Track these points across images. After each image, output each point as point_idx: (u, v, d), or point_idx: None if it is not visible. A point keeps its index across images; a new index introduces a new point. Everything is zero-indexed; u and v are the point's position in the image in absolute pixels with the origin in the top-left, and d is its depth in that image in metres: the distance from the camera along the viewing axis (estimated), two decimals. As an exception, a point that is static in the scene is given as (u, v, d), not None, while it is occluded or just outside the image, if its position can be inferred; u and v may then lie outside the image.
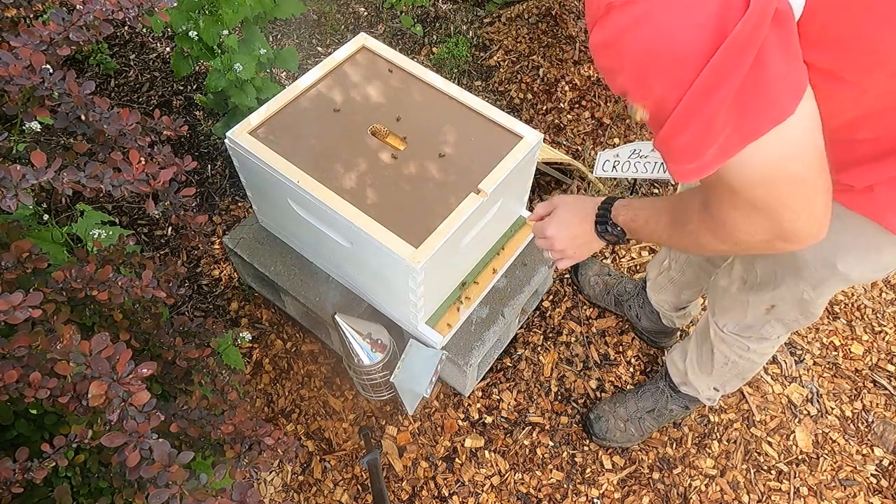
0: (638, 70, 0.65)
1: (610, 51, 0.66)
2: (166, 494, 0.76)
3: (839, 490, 1.67)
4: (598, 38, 0.66)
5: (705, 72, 0.60)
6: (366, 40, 1.53)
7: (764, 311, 1.24)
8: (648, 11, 0.60)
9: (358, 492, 1.64)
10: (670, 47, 0.61)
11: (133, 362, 0.80)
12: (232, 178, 2.14)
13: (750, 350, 1.36)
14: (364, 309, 1.59)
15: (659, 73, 0.63)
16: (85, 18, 0.92)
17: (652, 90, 0.65)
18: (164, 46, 2.52)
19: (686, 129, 0.65)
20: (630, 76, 0.66)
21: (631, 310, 1.85)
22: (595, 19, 0.65)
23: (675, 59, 0.61)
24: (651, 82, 0.65)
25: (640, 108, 0.70)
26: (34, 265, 0.90)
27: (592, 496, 1.65)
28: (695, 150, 0.67)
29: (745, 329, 1.32)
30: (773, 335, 1.30)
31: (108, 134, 0.96)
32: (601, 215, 1.08)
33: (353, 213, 1.26)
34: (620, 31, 0.63)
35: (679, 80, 0.62)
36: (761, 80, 0.62)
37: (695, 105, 0.63)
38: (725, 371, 1.45)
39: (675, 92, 0.63)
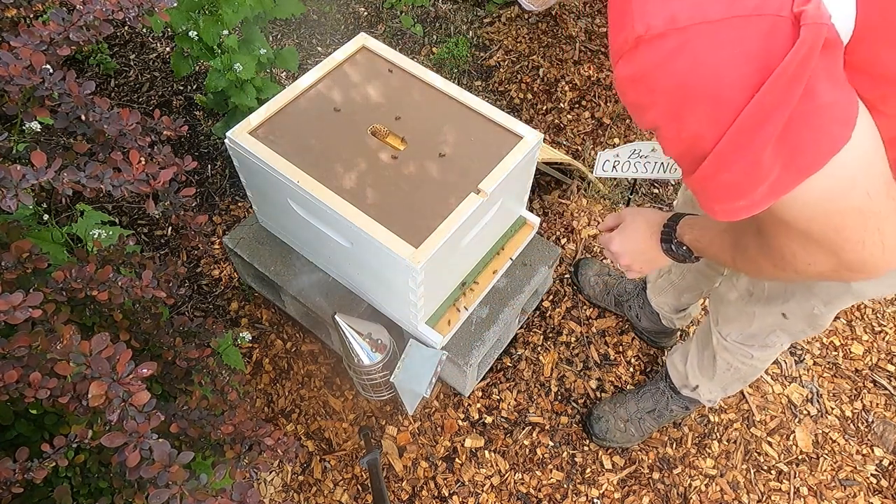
0: (672, 106, 0.62)
1: (639, 86, 0.63)
2: (166, 494, 0.76)
3: (839, 490, 1.67)
4: (624, 71, 0.63)
5: (750, 107, 0.57)
6: (366, 40, 1.53)
7: (770, 322, 1.22)
8: (683, 45, 0.57)
9: (358, 492, 1.64)
10: (710, 82, 0.57)
11: (133, 362, 0.80)
12: (232, 178, 2.14)
13: (753, 357, 1.35)
14: (364, 309, 1.59)
15: (696, 109, 0.60)
16: (85, 18, 0.92)
17: (687, 126, 0.62)
18: (164, 46, 2.52)
19: (730, 167, 0.62)
20: (662, 112, 0.63)
21: (631, 310, 1.85)
22: (621, 53, 0.62)
23: (714, 95, 0.58)
24: (686, 118, 0.61)
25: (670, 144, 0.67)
26: (34, 265, 0.90)
27: (592, 496, 1.65)
28: (743, 188, 0.63)
29: (748, 338, 1.31)
30: (777, 343, 1.29)
31: (109, 134, 0.96)
32: (666, 233, 1.05)
33: (353, 213, 1.26)
34: (652, 66, 0.60)
35: (719, 117, 0.59)
36: (811, 112, 0.58)
37: (740, 142, 0.59)
38: (728, 376, 1.44)
39: (714, 129, 0.60)
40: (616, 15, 0.62)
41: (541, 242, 1.72)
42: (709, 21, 0.55)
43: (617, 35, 0.62)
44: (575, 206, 2.13)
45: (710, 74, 0.57)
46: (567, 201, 2.15)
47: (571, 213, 2.12)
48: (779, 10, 0.54)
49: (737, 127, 0.58)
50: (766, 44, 0.55)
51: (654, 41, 0.58)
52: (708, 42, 0.56)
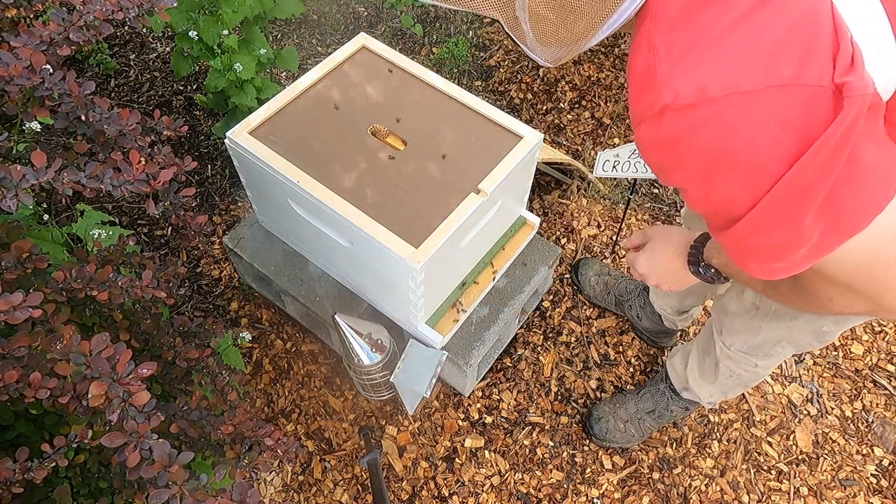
0: (701, 172, 0.60)
1: (665, 150, 0.61)
2: (166, 495, 0.76)
3: (839, 490, 1.67)
4: (648, 136, 0.61)
5: (790, 176, 0.55)
6: (366, 40, 1.53)
7: (777, 335, 1.21)
8: (715, 115, 0.55)
9: (358, 492, 1.64)
10: (744, 151, 0.55)
11: (133, 362, 0.80)
12: (232, 178, 2.14)
13: (758, 366, 1.34)
14: (364, 309, 1.59)
15: (728, 176, 0.58)
16: (85, 18, 0.92)
17: (717, 190, 0.60)
18: (164, 46, 2.52)
19: (767, 232, 0.60)
20: (690, 176, 0.62)
21: (632, 310, 1.85)
22: (643, 117, 0.60)
23: (749, 163, 0.56)
24: (717, 184, 0.59)
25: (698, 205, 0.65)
26: (34, 265, 0.89)
27: (592, 496, 1.65)
28: (781, 251, 0.62)
29: (753, 348, 1.29)
30: (781, 353, 1.29)
31: (109, 134, 0.96)
32: (693, 255, 1.02)
33: (353, 213, 1.26)
34: (679, 133, 0.58)
35: (754, 184, 0.57)
36: (855, 176, 0.57)
37: (778, 211, 0.58)
38: (730, 382, 1.43)
39: (749, 194, 0.58)
40: (637, 80, 0.60)
41: (541, 242, 1.72)
42: (743, 92, 0.53)
43: (639, 100, 0.60)
44: (575, 206, 2.13)
45: (744, 144, 0.55)
46: (567, 201, 2.15)
47: (571, 213, 2.12)
48: (819, 80, 0.52)
49: (775, 195, 0.57)
50: (806, 114, 0.53)
51: (683, 110, 0.56)
52: (742, 113, 0.54)
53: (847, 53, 0.51)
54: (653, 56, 0.57)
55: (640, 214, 2.12)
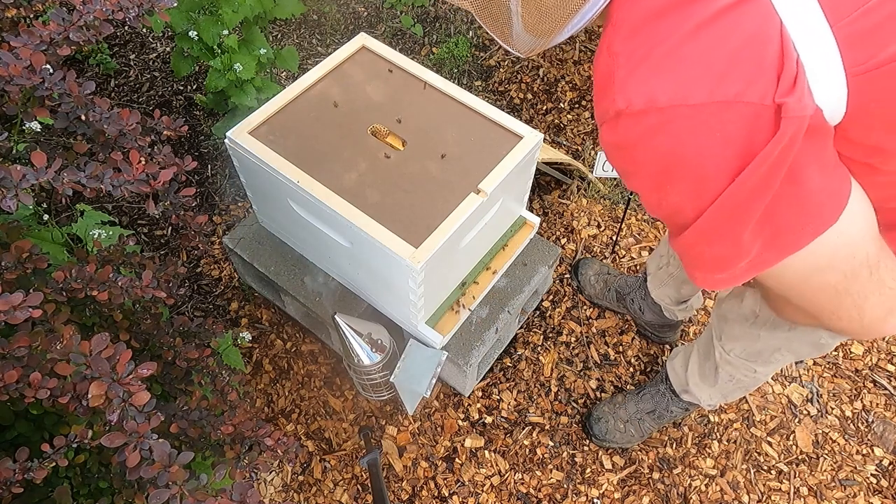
0: (653, 178, 0.62)
1: (622, 153, 0.63)
2: (166, 495, 0.76)
3: (839, 490, 1.67)
4: (607, 138, 0.63)
5: (731, 190, 0.56)
6: (366, 40, 1.53)
7: (775, 344, 1.21)
8: (664, 124, 0.56)
9: (358, 492, 1.64)
10: (690, 162, 0.57)
11: (133, 362, 0.80)
12: (232, 178, 2.14)
13: (757, 372, 1.34)
14: (364, 309, 1.59)
15: (677, 184, 0.60)
16: (85, 18, 0.92)
17: (668, 198, 0.62)
18: (164, 46, 2.52)
19: (711, 242, 0.62)
20: (644, 181, 0.63)
21: (633, 303, 1.84)
22: (603, 120, 0.62)
23: (695, 174, 0.58)
24: (668, 191, 0.61)
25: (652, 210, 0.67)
26: (34, 265, 0.89)
27: (592, 496, 1.65)
28: (723, 262, 0.64)
29: (753, 355, 1.30)
30: (781, 361, 1.28)
31: (109, 134, 0.96)
32: None
33: (353, 213, 1.26)
34: (633, 139, 0.59)
35: (699, 195, 0.59)
36: (797, 197, 0.58)
37: (719, 222, 0.59)
38: (729, 386, 1.43)
39: (694, 204, 0.60)
40: (599, 83, 0.61)
41: (541, 242, 1.71)
42: (689, 105, 0.54)
43: (600, 102, 0.62)
44: (575, 206, 2.13)
45: (691, 155, 0.57)
46: (567, 201, 2.15)
47: (571, 213, 2.12)
48: (762, 99, 0.53)
49: (717, 207, 0.58)
50: (748, 130, 0.54)
51: (636, 116, 0.57)
52: (688, 124, 0.55)
53: (790, 74, 0.52)
54: (613, 61, 0.58)
55: (640, 214, 2.12)
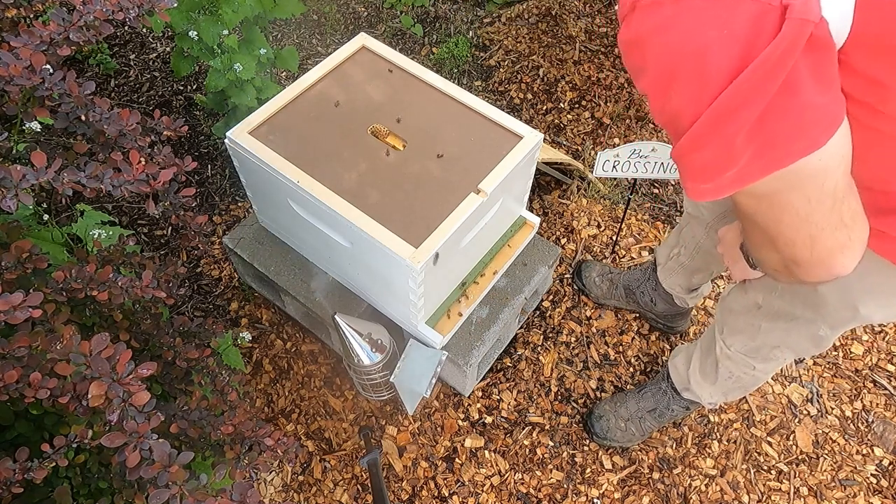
0: (660, 76, 0.62)
1: (635, 50, 0.64)
2: (166, 495, 0.76)
3: (839, 490, 1.67)
4: (624, 35, 0.64)
5: (728, 91, 0.57)
6: (366, 40, 1.53)
7: (775, 338, 1.22)
8: (675, 17, 0.57)
9: (358, 492, 1.64)
10: (694, 59, 0.58)
11: (133, 362, 0.80)
12: (232, 178, 2.14)
13: (756, 369, 1.35)
14: (364, 309, 1.59)
15: (680, 84, 0.60)
16: (85, 18, 0.92)
17: (670, 100, 0.62)
18: (164, 46, 2.52)
19: (703, 147, 0.62)
20: (652, 81, 0.64)
21: (644, 296, 1.83)
22: (622, 16, 0.63)
23: (697, 73, 0.58)
24: (670, 92, 0.62)
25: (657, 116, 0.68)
26: (34, 265, 0.89)
27: (592, 496, 1.65)
28: (712, 170, 0.64)
29: (752, 350, 1.31)
30: (780, 358, 1.29)
31: (109, 134, 0.96)
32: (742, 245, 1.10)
33: (353, 213, 1.26)
34: (646, 32, 0.61)
35: (698, 96, 0.59)
36: (790, 108, 0.58)
37: (713, 124, 0.60)
38: (729, 384, 1.43)
39: (692, 107, 0.60)
40: None
41: (541, 242, 1.71)
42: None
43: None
44: (575, 206, 2.13)
45: (697, 50, 0.57)
46: (567, 201, 2.15)
47: (571, 213, 2.12)
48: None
49: (713, 109, 0.58)
50: (753, 29, 0.54)
51: (649, 8, 0.59)
52: (698, 16, 0.56)
53: None
54: None
55: (640, 214, 2.12)
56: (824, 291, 1.01)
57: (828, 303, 1.04)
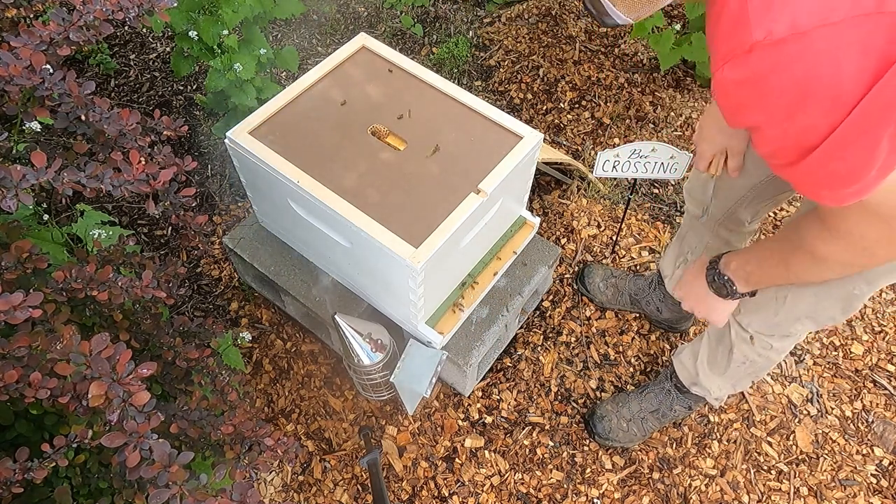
0: (785, 106, 0.64)
1: (748, 88, 0.65)
2: (166, 495, 0.76)
3: (839, 490, 1.67)
4: (732, 75, 0.65)
5: (871, 97, 0.59)
6: (366, 40, 1.53)
7: (801, 309, 1.20)
8: (805, 49, 0.59)
9: (358, 492, 1.64)
10: (829, 80, 0.60)
11: (133, 362, 0.80)
12: (232, 178, 2.14)
13: (772, 348, 1.33)
14: (364, 309, 1.59)
15: (812, 106, 0.62)
16: (85, 18, 0.92)
17: (797, 122, 0.64)
18: (164, 46, 2.52)
19: (844, 155, 0.64)
20: (773, 112, 0.65)
21: (650, 304, 1.84)
22: (730, 56, 0.64)
23: (832, 91, 0.60)
24: (799, 116, 0.63)
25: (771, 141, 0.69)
26: (34, 265, 0.89)
27: (592, 496, 1.65)
28: (857, 173, 0.65)
29: (772, 327, 1.28)
30: (799, 332, 1.27)
31: (109, 134, 0.96)
32: (710, 267, 1.13)
33: (353, 213, 1.26)
34: (766, 69, 0.62)
35: (836, 109, 0.61)
36: None
37: (858, 131, 0.61)
38: (741, 370, 1.43)
39: (829, 120, 0.62)
40: (729, 22, 0.64)
41: (541, 242, 1.72)
42: (831, 23, 0.58)
43: (727, 41, 0.64)
44: (575, 206, 2.13)
45: (830, 73, 0.59)
46: (567, 201, 2.15)
47: (571, 213, 2.12)
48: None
49: (855, 117, 0.60)
50: (886, 40, 0.57)
51: (773, 46, 0.60)
52: (829, 43, 0.58)
53: None
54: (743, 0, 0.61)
55: (640, 214, 2.12)
56: None
57: None
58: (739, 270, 1.06)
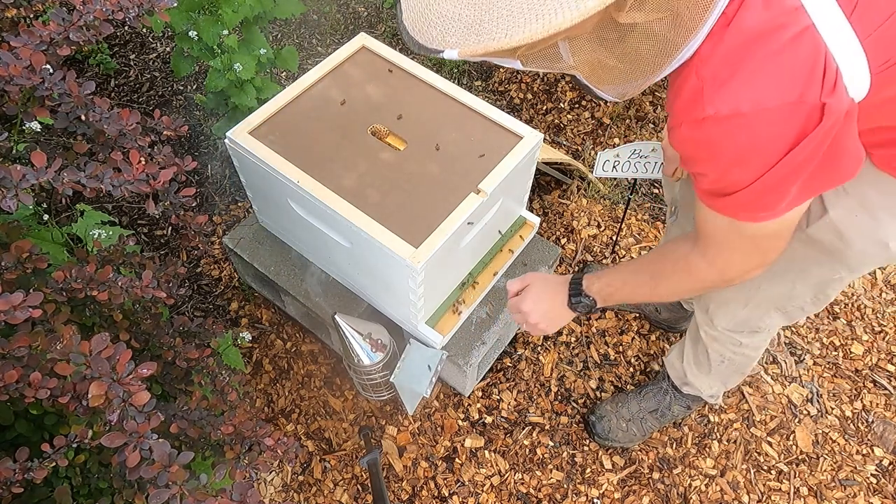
0: (726, 163, 0.79)
1: (700, 146, 0.80)
2: (166, 495, 0.76)
3: (839, 490, 1.67)
4: (687, 133, 0.80)
5: (788, 159, 0.75)
6: (366, 40, 1.53)
7: (771, 298, 1.23)
8: (744, 125, 0.74)
9: (358, 492, 1.64)
10: (760, 148, 0.76)
11: (133, 362, 0.80)
12: (232, 178, 2.14)
13: (742, 345, 1.36)
14: (364, 309, 1.59)
15: (745, 165, 0.78)
16: (85, 18, 0.92)
17: (730, 175, 0.80)
18: (164, 46, 2.52)
19: (762, 196, 0.80)
20: (715, 166, 0.81)
21: (648, 306, 1.87)
22: (686, 121, 0.79)
23: (761, 155, 0.76)
24: (734, 171, 0.79)
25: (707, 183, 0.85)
26: (34, 265, 0.90)
27: (592, 496, 1.65)
28: (771, 205, 0.82)
29: (739, 324, 1.31)
30: (768, 326, 1.29)
31: (109, 134, 0.96)
32: (574, 287, 1.18)
33: (353, 213, 1.26)
34: (715, 136, 0.77)
35: (760, 167, 0.77)
36: (834, 155, 0.78)
37: (775, 182, 0.78)
38: (723, 369, 1.45)
39: (753, 174, 0.78)
40: (687, 98, 0.78)
41: (541, 242, 1.72)
42: (765, 108, 0.73)
43: (685, 111, 0.78)
44: (575, 206, 2.13)
45: (762, 143, 0.75)
46: (567, 201, 2.15)
47: (571, 213, 2.12)
48: (815, 99, 0.71)
49: (775, 172, 0.77)
50: (804, 120, 0.73)
51: (720, 121, 0.75)
52: (763, 122, 0.74)
53: (831, 80, 0.71)
54: (700, 83, 0.75)
55: (639, 214, 2.12)
56: (851, 235, 1.04)
57: (853, 244, 1.05)
58: (602, 291, 1.14)
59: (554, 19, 0.60)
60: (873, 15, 0.73)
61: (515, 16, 0.61)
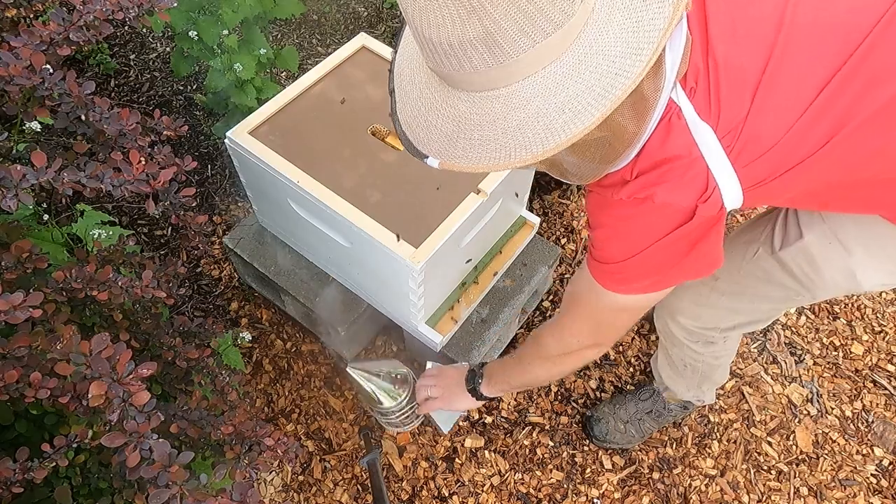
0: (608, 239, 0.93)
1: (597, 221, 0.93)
2: (166, 495, 0.76)
3: (839, 490, 1.67)
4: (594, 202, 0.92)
5: (654, 249, 0.87)
6: (366, 40, 1.53)
7: (731, 312, 1.27)
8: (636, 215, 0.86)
9: (358, 492, 1.64)
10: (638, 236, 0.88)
11: (133, 362, 0.80)
12: (232, 178, 2.14)
13: (701, 353, 1.38)
14: (364, 309, 1.59)
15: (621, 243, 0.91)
16: (85, 18, 0.92)
17: (609, 247, 0.93)
18: (164, 46, 2.52)
19: (625, 273, 0.93)
20: (601, 236, 0.94)
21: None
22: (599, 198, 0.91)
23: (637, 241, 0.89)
24: (613, 245, 0.93)
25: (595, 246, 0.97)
26: (34, 265, 0.90)
27: (592, 496, 1.65)
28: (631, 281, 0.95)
29: (692, 334, 1.35)
30: (723, 338, 1.33)
31: (109, 134, 0.96)
32: (470, 375, 1.34)
33: (353, 213, 1.26)
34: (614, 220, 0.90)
35: (632, 250, 0.89)
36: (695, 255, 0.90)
37: (639, 267, 0.91)
38: (688, 373, 1.47)
39: (624, 255, 0.91)
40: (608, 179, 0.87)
41: (541, 242, 1.72)
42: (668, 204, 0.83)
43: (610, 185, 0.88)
44: (575, 206, 2.13)
45: (640, 232, 0.88)
46: (567, 201, 2.15)
47: (571, 213, 2.12)
48: (691, 203, 0.82)
49: (642, 258, 0.89)
50: (680, 217, 0.84)
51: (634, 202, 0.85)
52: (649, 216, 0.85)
53: (708, 194, 0.81)
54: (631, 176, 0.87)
55: (640, 214, 2.12)
56: (821, 263, 1.07)
57: (823, 272, 1.08)
58: (488, 378, 1.31)
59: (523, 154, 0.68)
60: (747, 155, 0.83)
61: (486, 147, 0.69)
